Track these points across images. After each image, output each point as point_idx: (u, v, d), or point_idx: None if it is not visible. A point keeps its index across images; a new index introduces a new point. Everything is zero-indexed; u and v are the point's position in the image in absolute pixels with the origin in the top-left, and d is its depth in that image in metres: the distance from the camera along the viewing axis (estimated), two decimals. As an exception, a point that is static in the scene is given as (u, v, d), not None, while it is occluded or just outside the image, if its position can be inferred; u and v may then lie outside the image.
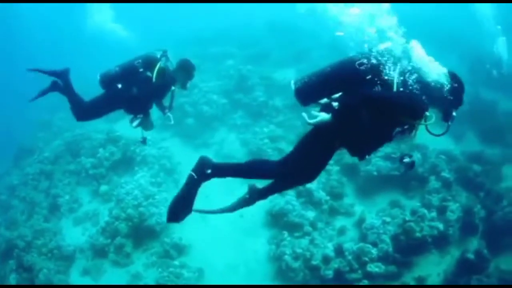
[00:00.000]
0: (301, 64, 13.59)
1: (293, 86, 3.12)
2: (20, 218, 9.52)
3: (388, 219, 8.06)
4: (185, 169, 9.50)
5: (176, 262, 8.17)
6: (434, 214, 8.28)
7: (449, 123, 3.04)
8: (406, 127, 2.97)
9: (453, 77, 3.01)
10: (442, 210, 8.64)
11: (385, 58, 2.97)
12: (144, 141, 5.20)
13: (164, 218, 8.33)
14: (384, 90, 2.89)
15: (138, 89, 4.70)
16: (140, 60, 4.75)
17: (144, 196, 8.74)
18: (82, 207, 9.59)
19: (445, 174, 9.22)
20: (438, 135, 3.05)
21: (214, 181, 10.85)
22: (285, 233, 8.04)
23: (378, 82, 2.93)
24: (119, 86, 4.72)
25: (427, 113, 2.92)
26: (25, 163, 10.91)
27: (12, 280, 8.14)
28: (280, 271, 7.73)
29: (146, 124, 4.90)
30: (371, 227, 8.00)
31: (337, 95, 3.11)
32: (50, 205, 9.66)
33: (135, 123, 4.86)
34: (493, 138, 11.24)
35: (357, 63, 2.98)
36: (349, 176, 9.11)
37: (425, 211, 8.20)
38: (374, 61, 2.96)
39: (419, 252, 7.96)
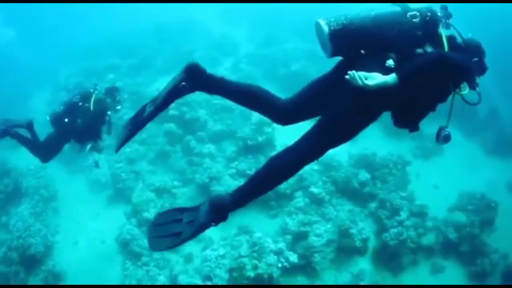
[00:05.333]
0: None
1: (326, 28, 2.54)
2: None
3: (223, 251, 7.49)
4: (63, 196, 9.90)
5: (52, 288, 8.67)
6: (282, 244, 7.46)
7: (478, 90, 2.68)
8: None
9: (473, 41, 2.74)
10: (300, 236, 7.77)
11: (430, 14, 2.62)
12: (96, 164, 6.13)
13: (40, 247, 9.04)
14: (452, 52, 2.55)
15: (81, 120, 5.61)
16: (78, 96, 5.79)
17: (24, 227, 9.31)
18: (-9, 237, 10.49)
19: (315, 189, 8.18)
20: (476, 104, 2.70)
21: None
22: (128, 263, 8.05)
23: (428, 40, 2.58)
24: (66, 120, 5.62)
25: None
26: None
27: None
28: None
29: (97, 147, 5.90)
30: (205, 259, 7.52)
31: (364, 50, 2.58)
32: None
33: (88, 147, 5.79)
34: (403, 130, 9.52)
35: (408, 14, 2.58)
36: (202, 196, 8.62)
37: (269, 242, 7.45)
38: (426, 15, 2.59)
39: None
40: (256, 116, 9.60)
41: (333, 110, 2.62)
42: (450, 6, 2.74)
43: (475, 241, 8.50)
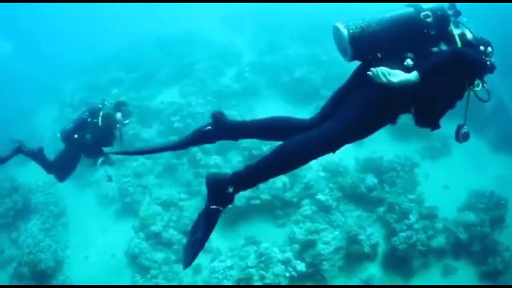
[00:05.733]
0: (185, 80, 13.15)
1: (345, 32, 2.56)
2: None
3: (231, 262, 7.46)
4: (73, 211, 10.04)
5: (63, 302, 8.75)
6: (290, 254, 7.42)
7: (486, 87, 2.73)
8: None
9: (484, 39, 2.82)
10: (308, 244, 7.73)
11: (441, 13, 2.66)
12: (110, 178, 6.29)
13: (51, 263, 9.16)
14: (466, 48, 2.64)
15: (91, 135, 5.76)
16: (86, 112, 5.97)
17: (34, 243, 9.43)
18: (3, 253, 10.49)
19: (322, 196, 8.14)
20: (487, 101, 2.77)
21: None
22: (138, 276, 8.08)
23: (442, 38, 2.66)
24: (75, 136, 5.82)
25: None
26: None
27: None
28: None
29: (109, 161, 6.06)
30: (213, 270, 7.52)
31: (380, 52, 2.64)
32: (-18, 251, 10.88)
33: (99, 161, 5.91)
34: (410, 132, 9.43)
35: (422, 14, 2.63)
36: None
37: (276, 251, 7.42)
38: (438, 14, 2.65)
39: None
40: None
41: (355, 105, 2.60)
42: (458, 6, 2.78)
43: (486, 240, 8.38)
